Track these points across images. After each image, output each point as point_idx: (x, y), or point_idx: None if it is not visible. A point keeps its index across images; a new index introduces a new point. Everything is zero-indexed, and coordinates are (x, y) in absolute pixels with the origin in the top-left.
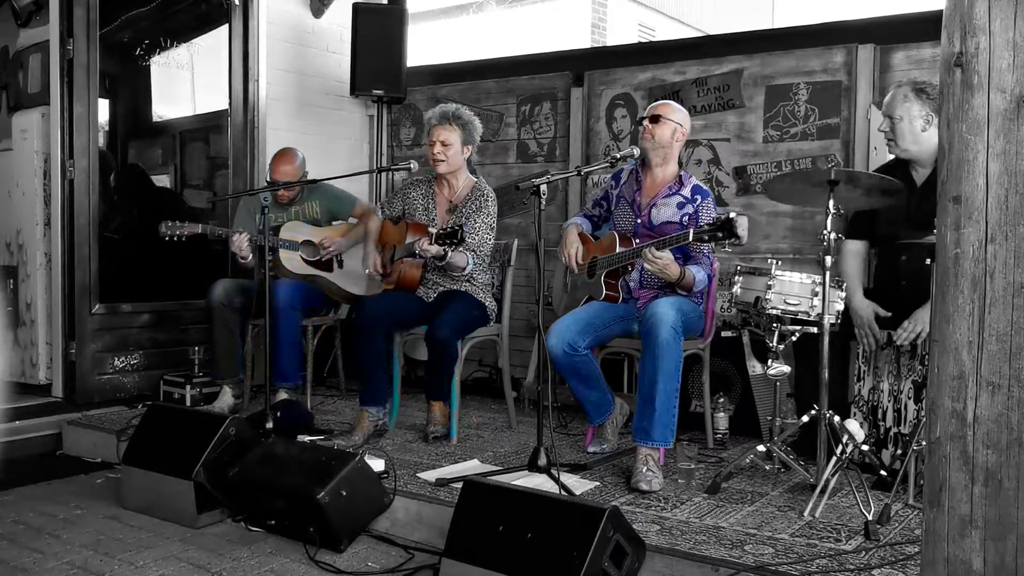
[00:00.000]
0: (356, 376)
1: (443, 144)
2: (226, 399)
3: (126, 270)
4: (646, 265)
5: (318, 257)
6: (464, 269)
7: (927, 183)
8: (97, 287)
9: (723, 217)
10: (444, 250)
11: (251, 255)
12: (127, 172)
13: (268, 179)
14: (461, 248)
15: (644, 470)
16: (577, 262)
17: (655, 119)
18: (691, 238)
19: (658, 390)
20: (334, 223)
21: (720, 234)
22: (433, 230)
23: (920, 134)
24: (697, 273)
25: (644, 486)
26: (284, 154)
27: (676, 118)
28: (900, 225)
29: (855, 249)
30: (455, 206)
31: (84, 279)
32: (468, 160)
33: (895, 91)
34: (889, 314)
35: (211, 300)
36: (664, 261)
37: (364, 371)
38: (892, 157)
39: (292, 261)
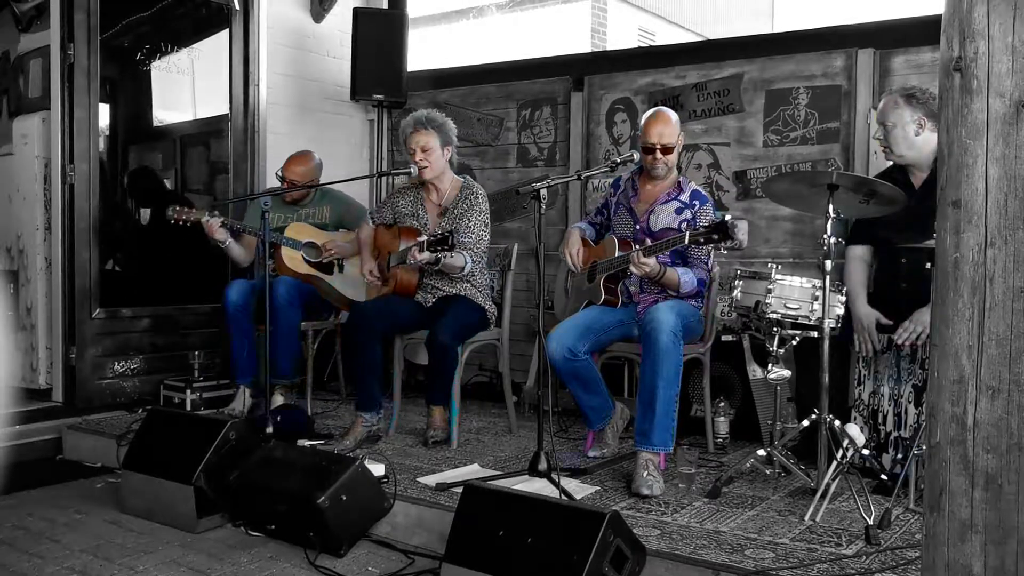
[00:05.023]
0: (351, 381)
1: (423, 150)
2: (245, 399)
3: (126, 274)
4: (632, 269)
5: (320, 259)
6: (463, 269)
7: (925, 185)
8: (97, 292)
9: (717, 220)
10: (437, 256)
11: (227, 238)
12: (139, 174)
13: (278, 174)
14: (455, 250)
15: (644, 475)
16: (578, 264)
17: (667, 150)
18: (687, 241)
19: (658, 394)
20: (340, 230)
21: (715, 236)
22: (424, 237)
23: (914, 139)
24: (683, 275)
25: (645, 491)
26: (299, 155)
27: (677, 133)
28: (899, 228)
29: (860, 254)
30: (445, 209)
31: (84, 283)
32: (450, 161)
33: (886, 99)
34: (891, 322)
35: (227, 302)
36: (648, 268)
37: (358, 376)
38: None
39: (293, 260)
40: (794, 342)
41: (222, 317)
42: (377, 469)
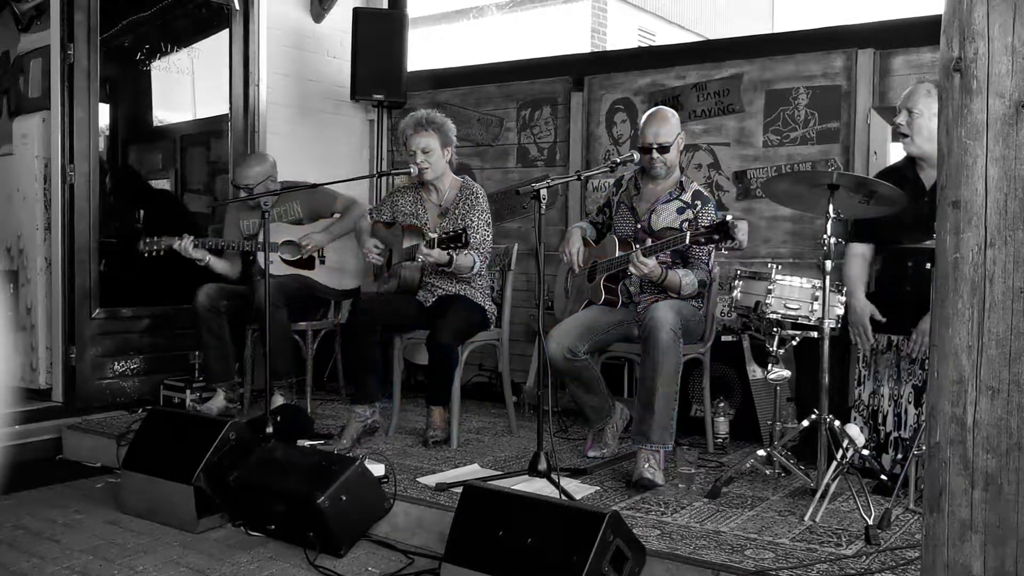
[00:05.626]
0: (351, 379)
1: (424, 151)
2: (218, 401)
3: (126, 274)
4: (632, 269)
5: (299, 256)
6: (472, 269)
7: (936, 185)
8: (97, 292)
9: (718, 220)
10: (449, 255)
11: (205, 256)
12: (121, 174)
13: (232, 182)
14: (466, 250)
15: (646, 466)
16: (578, 264)
17: (664, 149)
18: (687, 241)
19: (657, 392)
20: (319, 221)
21: (716, 236)
22: (433, 234)
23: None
24: (684, 277)
25: (648, 474)
26: (251, 157)
27: (676, 132)
28: (906, 229)
29: (860, 252)
30: (446, 209)
31: (84, 284)
32: (450, 162)
33: (918, 86)
34: (884, 319)
35: (196, 306)
36: (647, 268)
37: (354, 370)
38: (895, 160)
39: (272, 263)
40: (794, 342)
41: (194, 319)
42: (377, 469)
